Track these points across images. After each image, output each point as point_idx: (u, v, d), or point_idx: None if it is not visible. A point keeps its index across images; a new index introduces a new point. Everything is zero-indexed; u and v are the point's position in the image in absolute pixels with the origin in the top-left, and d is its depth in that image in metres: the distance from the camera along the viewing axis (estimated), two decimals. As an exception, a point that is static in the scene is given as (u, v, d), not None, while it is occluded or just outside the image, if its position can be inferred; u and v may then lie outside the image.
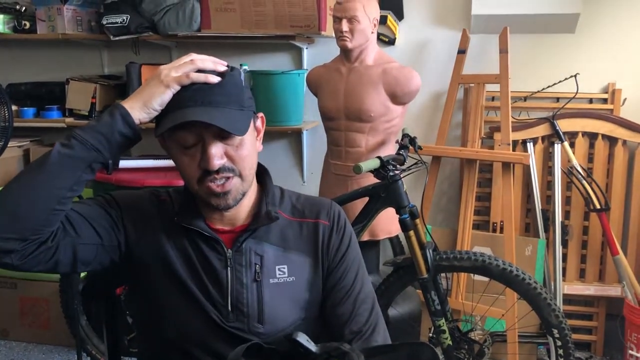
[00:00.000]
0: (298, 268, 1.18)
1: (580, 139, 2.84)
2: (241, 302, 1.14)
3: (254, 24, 2.89)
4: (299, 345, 0.88)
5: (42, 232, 1.00)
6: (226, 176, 1.08)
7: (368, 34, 2.38)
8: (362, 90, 2.39)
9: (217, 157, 1.06)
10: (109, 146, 1.03)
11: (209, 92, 1.05)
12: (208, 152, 1.05)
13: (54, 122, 3.22)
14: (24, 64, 3.49)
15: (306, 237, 1.20)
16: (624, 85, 2.86)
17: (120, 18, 3.02)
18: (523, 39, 2.92)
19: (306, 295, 1.19)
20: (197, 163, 1.07)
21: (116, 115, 1.03)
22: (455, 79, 2.86)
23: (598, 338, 2.91)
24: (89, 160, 1.02)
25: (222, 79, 1.07)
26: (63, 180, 1.00)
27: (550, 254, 2.83)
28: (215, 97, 1.05)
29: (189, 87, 1.05)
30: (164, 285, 1.14)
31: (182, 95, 1.05)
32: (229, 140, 1.07)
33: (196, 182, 1.09)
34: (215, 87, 1.06)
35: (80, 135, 1.02)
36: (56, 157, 1.00)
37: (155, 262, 1.15)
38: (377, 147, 2.43)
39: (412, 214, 2.14)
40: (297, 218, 1.22)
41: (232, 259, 1.14)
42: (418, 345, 0.92)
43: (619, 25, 2.85)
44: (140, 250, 1.15)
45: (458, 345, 2.23)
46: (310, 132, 3.24)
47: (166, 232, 1.16)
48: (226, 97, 1.06)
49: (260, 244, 1.17)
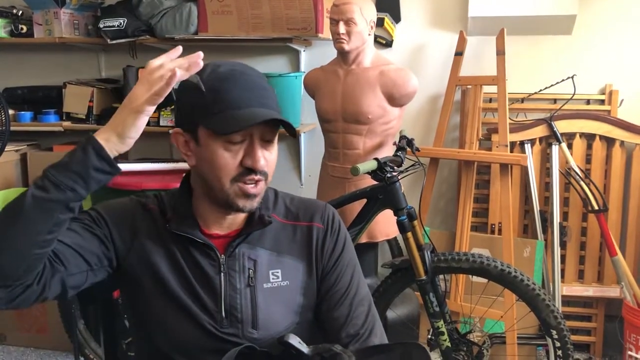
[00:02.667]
0: (292, 272, 1.18)
1: (577, 140, 2.84)
2: (235, 308, 1.13)
3: (251, 27, 2.89)
4: (290, 347, 0.88)
5: (27, 277, 0.98)
6: (261, 179, 1.10)
7: (365, 36, 2.38)
8: (360, 92, 2.39)
9: (263, 158, 1.08)
10: (85, 184, 0.99)
11: (261, 95, 1.08)
12: (256, 152, 1.07)
13: (51, 126, 3.21)
14: (21, 68, 3.49)
15: (300, 241, 1.20)
16: (621, 86, 2.86)
17: (117, 22, 3.02)
18: (520, 41, 2.93)
19: (300, 299, 1.18)
20: (238, 160, 1.07)
21: (89, 151, 0.99)
22: (453, 81, 2.86)
23: (597, 339, 2.91)
24: (66, 202, 0.98)
25: (265, 83, 1.11)
26: (40, 225, 0.96)
27: (548, 255, 2.83)
28: (266, 100, 1.09)
29: (241, 86, 1.07)
30: (155, 297, 1.13)
31: (236, 94, 1.06)
32: (267, 144, 1.10)
33: (230, 180, 1.08)
34: (264, 91, 1.09)
35: (53, 175, 0.97)
36: (30, 201, 0.96)
37: (145, 274, 1.14)
38: (374, 149, 2.43)
39: (410, 216, 2.13)
40: (290, 221, 1.21)
41: (226, 265, 1.14)
42: (410, 345, 0.92)
43: (615, 26, 2.85)
44: (129, 264, 1.14)
45: (457, 347, 2.22)
46: (308, 134, 3.23)
47: (154, 243, 1.15)
48: (272, 102, 1.10)
49: (254, 248, 1.16)
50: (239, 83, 1.07)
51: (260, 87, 1.09)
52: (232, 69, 1.09)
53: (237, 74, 1.08)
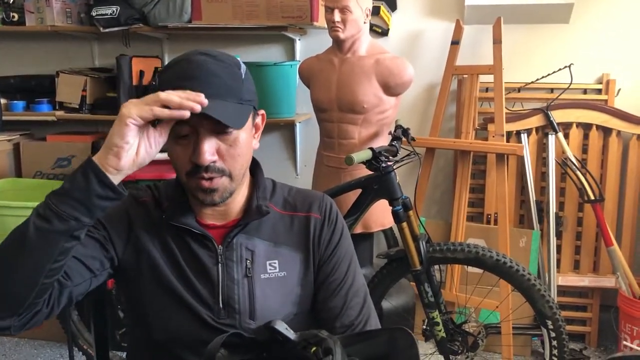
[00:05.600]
0: (289, 263, 1.17)
1: (574, 130, 2.83)
2: (232, 299, 1.12)
3: (245, 15, 2.86)
4: (277, 333, 0.87)
5: (36, 305, 0.97)
6: (213, 176, 1.05)
7: (360, 24, 2.35)
8: (355, 81, 2.36)
9: (208, 153, 1.02)
10: (88, 212, 0.94)
11: (208, 84, 1.01)
12: (200, 146, 1.02)
13: (44, 115, 3.18)
14: (13, 56, 3.45)
15: (297, 231, 1.19)
16: (618, 75, 2.85)
17: (110, 10, 2.98)
18: (517, 30, 2.91)
19: (298, 289, 1.17)
20: (189, 155, 1.04)
21: (90, 177, 0.93)
22: (449, 70, 2.84)
23: (592, 329, 2.91)
24: (69, 231, 0.94)
25: (220, 70, 1.03)
26: (45, 255, 0.93)
27: (544, 246, 2.82)
28: (213, 89, 1.01)
29: (185, 77, 1.01)
30: (152, 288, 1.12)
31: (179, 85, 1.00)
32: (223, 136, 1.04)
33: (185, 175, 1.07)
34: (215, 79, 1.02)
35: (55, 205, 0.93)
36: (33, 232, 0.93)
37: (141, 266, 1.13)
38: (370, 139, 2.41)
39: (406, 206, 2.12)
40: (288, 212, 1.20)
41: (223, 255, 1.13)
42: (395, 330, 0.91)
43: (613, 15, 2.83)
44: (126, 259, 1.13)
45: (452, 337, 2.22)
46: (303, 124, 3.21)
47: (150, 235, 1.14)
48: (224, 90, 1.02)
49: (251, 239, 1.15)
50: (183, 73, 1.02)
51: (208, 73, 1.02)
52: (180, 60, 1.05)
53: (184, 64, 1.04)
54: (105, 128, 3.43)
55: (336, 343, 0.85)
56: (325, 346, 0.85)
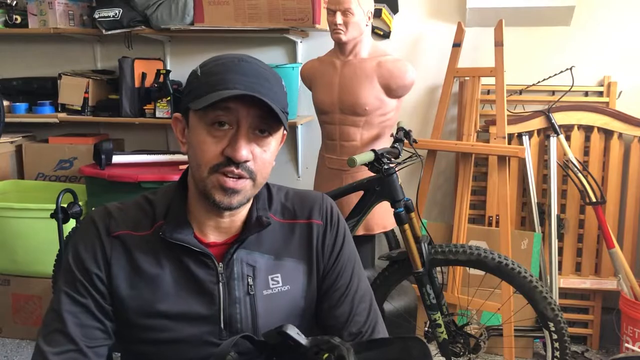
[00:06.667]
0: (292, 275, 1.12)
1: (575, 132, 2.83)
2: (234, 319, 1.07)
3: (247, 18, 2.86)
4: (288, 338, 0.86)
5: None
6: (242, 175, 1.00)
7: (362, 26, 2.36)
8: (357, 83, 2.37)
9: (246, 150, 0.98)
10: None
11: (258, 82, 0.98)
12: (240, 141, 0.97)
13: (47, 117, 3.19)
14: (16, 59, 3.46)
15: (299, 240, 1.14)
16: (619, 78, 2.85)
17: (112, 12, 2.99)
18: (518, 32, 2.91)
19: (302, 302, 1.13)
20: (221, 149, 0.99)
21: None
22: (451, 73, 2.85)
23: (594, 331, 2.91)
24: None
25: (270, 76, 1.01)
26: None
27: (546, 248, 2.82)
28: (261, 88, 0.98)
29: (236, 71, 0.98)
30: (142, 319, 1.05)
31: (228, 76, 0.97)
32: (260, 139, 1.01)
33: (209, 169, 1.00)
34: (264, 81, 0.99)
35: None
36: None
37: (130, 300, 1.05)
38: (372, 141, 2.42)
39: (407, 208, 2.12)
40: (288, 220, 1.15)
41: (224, 274, 1.07)
42: (409, 339, 0.90)
43: (614, 17, 2.84)
44: (114, 299, 1.06)
45: (454, 339, 2.22)
46: (305, 126, 3.22)
47: (131, 267, 1.06)
48: (273, 93, 0.99)
49: (252, 253, 1.10)
50: (234, 68, 0.99)
51: (258, 75, 0.99)
52: (233, 57, 1.02)
53: (235, 61, 1.01)
54: (107, 130, 3.44)
55: (349, 351, 0.84)
56: (338, 354, 0.84)
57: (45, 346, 1.00)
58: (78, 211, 2.47)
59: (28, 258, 2.89)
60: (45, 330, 1.02)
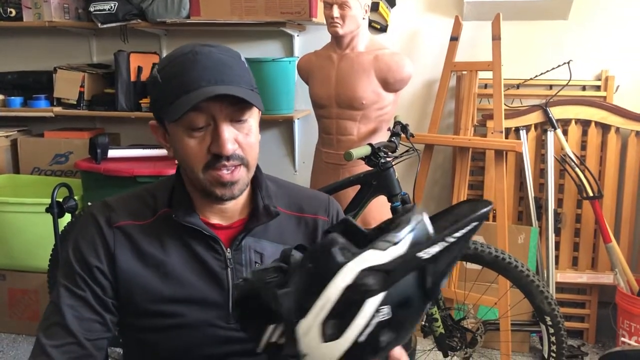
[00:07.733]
0: None
1: (573, 127, 2.83)
2: None
3: (244, 11, 2.85)
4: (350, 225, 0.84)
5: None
6: (235, 164, 1.01)
7: (359, 20, 2.35)
8: (354, 77, 2.36)
9: (230, 142, 0.99)
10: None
11: (219, 72, 0.98)
12: (221, 135, 0.98)
13: (42, 111, 3.17)
14: (10, 52, 3.43)
15: (304, 233, 1.16)
16: (617, 72, 2.84)
17: (108, 5, 2.97)
18: (516, 26, 2.90)
19: None
20: (205, 147, 1.00)
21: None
22: (448, 67, 2.83)
23: (590, 326, 2.92)
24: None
25: (229, 60, 1.01)
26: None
27: (543, 242, 2.82)
28: (226, 76, 0.99)
29: (195, 67, 0.98)
30: (154, 312, 1.06)
31: (190, 76, 0.97)
32: (240, 125, 1.02)
33: (202, 169, 1.01)
34: (225, 67, 1.00)
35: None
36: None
37: (138, 292, 1.06)
38: (369, 135, 2.41)
39: (404, 202, 2.12)
40: (294, 212, 1.17)
41: (232, 259, 1.09)
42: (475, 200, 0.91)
43: (612, 11, 2.83)
44: (120, 289, 1.07)
45: (450, 333, 2.22)
46: (302, 120, 3.21)
47: (137, 255, 1.07)
48: (236, 77, 1.00)
49: (259, 241, 1.12)
50: (191, 65, 0.99)
51: (217, 63, 1.00)
52: (187, 52, 1.01)
53: (190, 56, 1.00)
54: (103, 124, 3.42)
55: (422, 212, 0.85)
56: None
57: (45, 339, 1.01)
58: (73, 205, 2.46)
59: (24, 253, 2.88)
60: (45, 324, 1.03)
